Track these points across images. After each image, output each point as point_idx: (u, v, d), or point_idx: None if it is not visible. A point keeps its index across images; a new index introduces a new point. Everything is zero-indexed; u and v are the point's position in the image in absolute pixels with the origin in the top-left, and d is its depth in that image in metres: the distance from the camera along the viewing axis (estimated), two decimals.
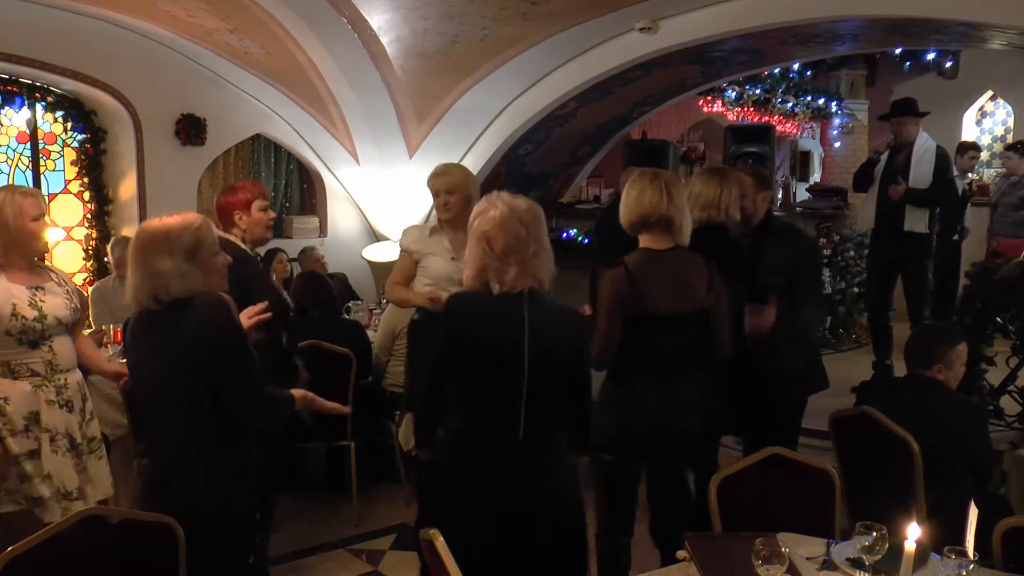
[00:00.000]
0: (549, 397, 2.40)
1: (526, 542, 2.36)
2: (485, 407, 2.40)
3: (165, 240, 2.30)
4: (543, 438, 2.41)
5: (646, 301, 2.84)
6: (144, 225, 2.40)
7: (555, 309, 2.44)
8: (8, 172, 6.20)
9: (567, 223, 7.88)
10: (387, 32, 5.44)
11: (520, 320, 2.33)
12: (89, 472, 3.02)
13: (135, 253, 2.32)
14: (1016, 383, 4.56)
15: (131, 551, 2.12)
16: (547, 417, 2.41)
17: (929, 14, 4.68)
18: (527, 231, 2.37)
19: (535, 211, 2.43)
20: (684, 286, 2.89)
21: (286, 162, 7.54)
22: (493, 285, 2.36)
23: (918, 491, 2.87)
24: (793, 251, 3.49)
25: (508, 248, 2.34)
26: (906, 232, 5.36)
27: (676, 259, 2.91)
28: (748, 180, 3.49)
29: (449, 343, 2.40)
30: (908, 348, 3.25)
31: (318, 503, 4.59)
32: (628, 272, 2.85)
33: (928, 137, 5.50)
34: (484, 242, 2.36)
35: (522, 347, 2.33)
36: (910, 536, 1.84)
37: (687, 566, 2.19)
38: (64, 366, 2.97)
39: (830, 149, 10.13)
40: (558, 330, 2.41)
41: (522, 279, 2.35)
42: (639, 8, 5.33)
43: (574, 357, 2.46)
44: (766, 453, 2.69)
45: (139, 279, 2.30)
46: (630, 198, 2.93)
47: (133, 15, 5.70)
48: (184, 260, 2.29)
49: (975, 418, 3.20)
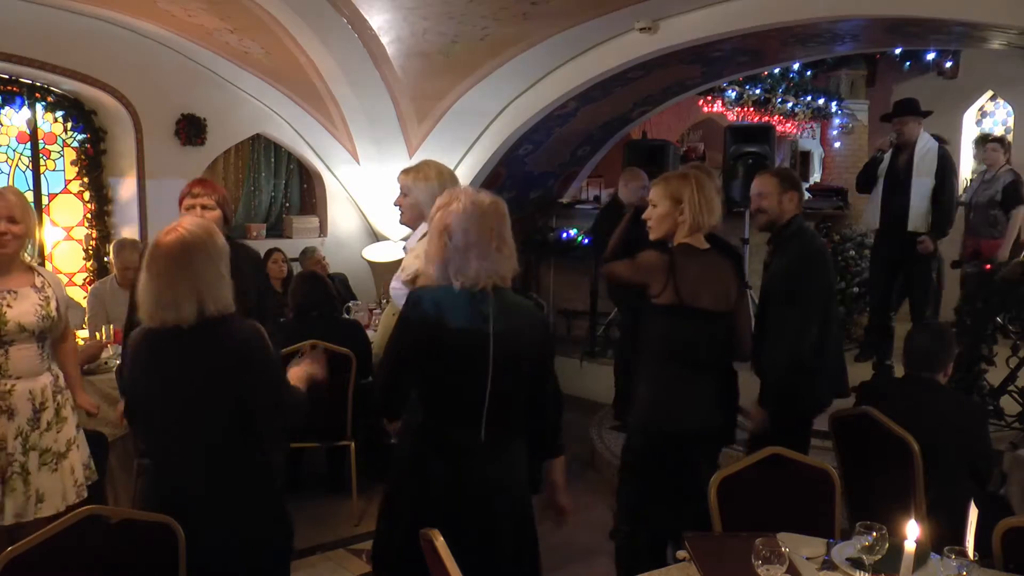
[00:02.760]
0: (511, 398, 2.34)
1: (476, 544, 2.28)
2: (445, 405, 2.34)
3: (212, 247, 2.23)
4: (506, 439, 2.37)
5: (687, 294, 2.92)
6: (171, 237, 2.22)
7: (518, 306, 2.39)
8: (8, 172, 6.21)
9: (567, 223, 7.89)
10: (387, 32, 5.45)
11: (483, 316, 2.27)
12: (31, 486, 2.88)
13: (175, 263, 2.18)
14: (1016, 383, 4.56)
15: (131, 551, 2.12)
16: (510, 417, 2.35)
17: (929, 14, 4.68)
18: (490, 226, 2.30)
19: (499, 206, 2.35)
20: (720, 285, 2.98)
21: (286, 162, 7.54)
22: (455, 280, 2.29)
23: (918, 491, 2.87)
24: (787, 263, 3.42)
25: (470, 243, 2.27)
26: (911, 232, 5.36)
27: (713, 259, 3.00)
28: (773, 180, 3.47)
29: (411, 338, 2.33)
30: (912, 351, 3.25)
31: (318, 503, 4.59)
32: (673, 258, 2.95)
33: (930, 137, 5.51)
34: (446, 235, 2.29)
35: (487, 346, 2.27)
36: (910, 536, 1.84)
37: (687, 566, 2.18)
38: (14, 372, 2.86)
39: (830, 149, 10.12)
40: (522, 328, 2.35)
41: (484, 275, 2.28)
42: (639, 8, 5.33)
43: (538, 355, 2.41)
44: (766, 453, 2.68)
45: (182, 292, 2.16)
46: (692, 207, 2.96)
47: (133, 15, 5.70)
48: (225, 267, 2.25)
49: (975, 418, 3.20)
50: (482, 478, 2.33)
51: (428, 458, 2.34)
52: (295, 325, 4.50)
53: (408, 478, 2.38)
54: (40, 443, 2.93)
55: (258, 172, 7.43)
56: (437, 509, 2.28)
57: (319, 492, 4.77)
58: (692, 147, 9.36)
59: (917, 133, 5.44)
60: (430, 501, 2.32)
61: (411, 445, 2.39)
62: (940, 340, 3.27)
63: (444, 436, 2.33)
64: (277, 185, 7.56)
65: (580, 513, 4.35)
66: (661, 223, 3.01)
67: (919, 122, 5.47)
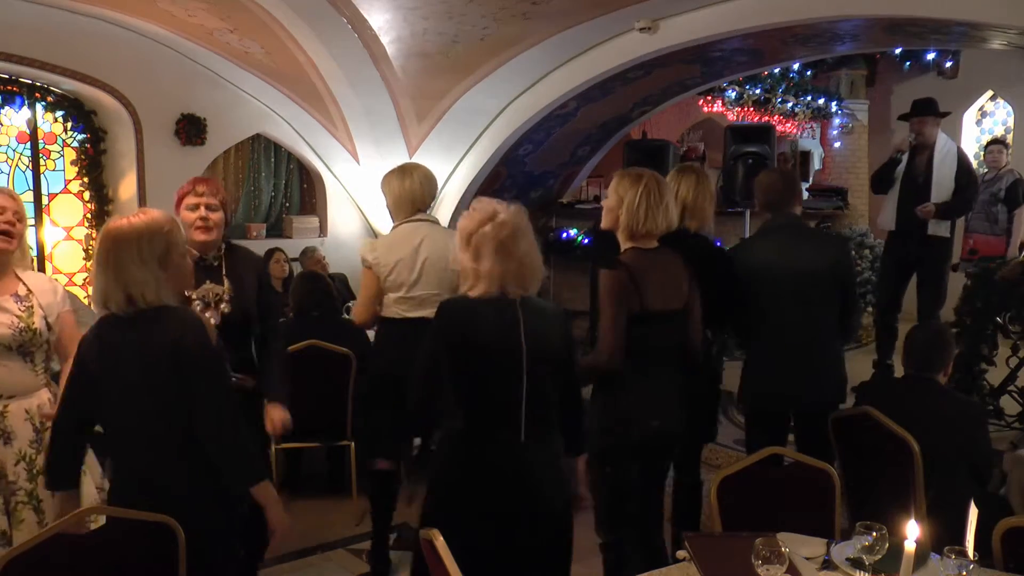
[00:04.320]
0: (546, 397, 2.44)
1: (524, 542, 2.39)
2: (485, 410, 2.42)
3: (136, 245, 2.21)
4: (543, 438, 2.45)
5: (644, 298, 2.88)
6: (110, 226, 2.27)
7: (545, 310, 2.50)
8: (8, 172, 6.21)
9: (567, 223, 7.89)
10: (387, 32, 5.44)
11: (516, 323, 2.38)
12: (45, 514, 2.67)
13: (103, 255, 2.21)
14: (1016, 383, 4.56)
15: (131, 551, 2.12)
16: (546, 417, 2.45)
17: (929, 14, 4.67)
18: (513, 235, 2.40)
19: (521, 215, 2.46)
20: (672, 283, 2.96)
21: (286, 162, 7.54)
22: (481, 289, 2.40)
23: (918, 491, 2.87)
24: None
25: (496, 252, 2.37)
26: (928, 236, 5.33)
27: (663, 257, 2.97)
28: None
29: (444, 348, 2.41)
30: (913, 352, 3.24)
31: (318, 503, 4.59)
32: (628, 269, 2.89)
33: (948, 139, 5.48)
34: (472, 247, 2.40)
35: (520, 349, 2.37)
36: (910, 536, 1.84)
37: (687, 566, 2.18)
38: (4, 391, 2.66)
39: (830, 149, 10.11)
40: (550, 331, 2.47)
41: (514, 283, 2.40)
42: (639, 8, 5.33)
43: (564, 357, 2.52)
44: (766, 453, 2.69)
45: (109, 284, 2.20)
46: (629, 210, 2.93)
47: (133, 15, 5.70)
48: (157, 266, 2.22)
49: (975, 418, 3.20)
50: (528, 475, 2.40)
51: (474, 462, 2.41)
52: (295, 325, 4.50)
53: (455, 483, 2.43)
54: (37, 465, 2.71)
55: (258, 172, 7.43)
56: (486, 510, 2.36)
57: (319, 492, 4.77)
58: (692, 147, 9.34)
59: (936, 134, 5.38)
60: (479, 503, 2.38)
61: (453, 451, 2.45)
62: (940, 340, 3.27)
63: (487, 439, 2.41)
64: (277, 185, 7.56)
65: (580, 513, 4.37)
66: (606, 216, 3.03)
67: (938, 122, 5.42)
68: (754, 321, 3.51)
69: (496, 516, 2.37)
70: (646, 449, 2.98)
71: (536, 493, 2.41)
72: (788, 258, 3.44)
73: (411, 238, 3.53)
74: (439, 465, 2.50)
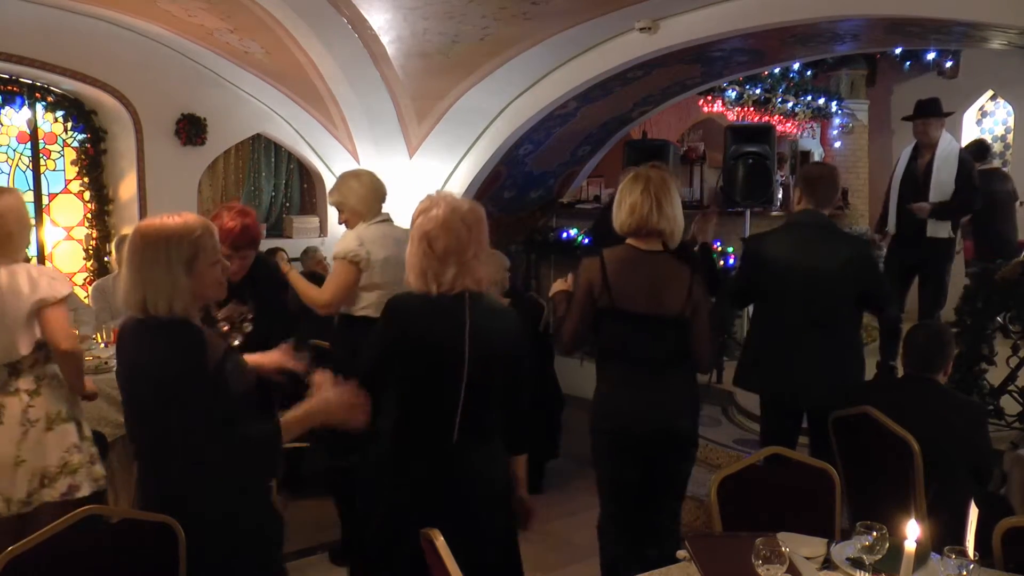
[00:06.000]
0: (486, 400, 2.37)
1: (458, 544, 2.23)
2: (421, 409, 2.36)
3: (164, 247, 2.16)
4: (481, 439, 2.38)
5: (618, 296, 2.88)
6: (143, 225, 2.23)
7: (495, 311, 2.43)
8: (8, 172, 6.21)
9: (567, 223, 7.89)
10: (387, 32, 5.45)
11: (461, 323, 2.31)
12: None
13: (131, 254, 2.19)
14: (1016, 383, 4.56)
15: (131, 551, 2.12)
16: (481, 420, 2.37)
17: (929, 14, 4.67)
18: (468, 232, 2.32)
19: (477, 212, 2.38)
20: (659, 289, 2.91)
21: (286, 162, 7.55)
22: (431, 286, 2.32)
23: (918, 491, 2.87)
24: None
25: (448, 249, 2.30)
26: (929, 238, 5.31)
27: (657, 262, 2.93)
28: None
29: (389, 344, 2.36)
30: (913, 352, 3.24)
31: (318, 503, 4.58)
32: (603, 263, 2.91)
33: (952, 139, 5.45)
34: (425, 242, 2.32)
35: (463, 350, 2.30)
36: (910, 536, 1.84)
37: (687, 566, 2.18)
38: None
39: (830, 149, 10.11)
40: (498, 333, 2.39)
41: (461, 280, 2.31)
42: (639, 8, 5.33)
43: (513, 359, 2.43)
44: (766, 453, 2.69)
45: (133, 284, 2.17)
46: (622, 208, 2.97)
47: (133, 15, 5.70)
48: (183, 271, 2.16)
49: (975, 418, 3.20)
50: (455, 479, 2.34)
51: (404, 460, 2.36)
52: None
53: (384, 481, 2.38)
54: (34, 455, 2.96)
55: (258, 172, 7.43)
56: (414, 510, 2.30)
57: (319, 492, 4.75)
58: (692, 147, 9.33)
59: (939, 135, 5.35)
60: (407, 502, 2.33)
61: (385, 448, 2.39)
62: (939, 340, 3.27)
63: (418, 438, 2.36)
64: (277, 185, 7.56)
65: (580, 513, 4.37)
66: (613, 215, 3.08)
67: (942, 123, 5.40)
68: (756, 312, 3.54)
69: (423, 517, 2.20)
70: (620, 449, 2.96)
71: (464, 496, 2.33)
72: (800, 254, 3.48)
73: (392, 236, 3.59)
74: (371, 462, 2.44)
